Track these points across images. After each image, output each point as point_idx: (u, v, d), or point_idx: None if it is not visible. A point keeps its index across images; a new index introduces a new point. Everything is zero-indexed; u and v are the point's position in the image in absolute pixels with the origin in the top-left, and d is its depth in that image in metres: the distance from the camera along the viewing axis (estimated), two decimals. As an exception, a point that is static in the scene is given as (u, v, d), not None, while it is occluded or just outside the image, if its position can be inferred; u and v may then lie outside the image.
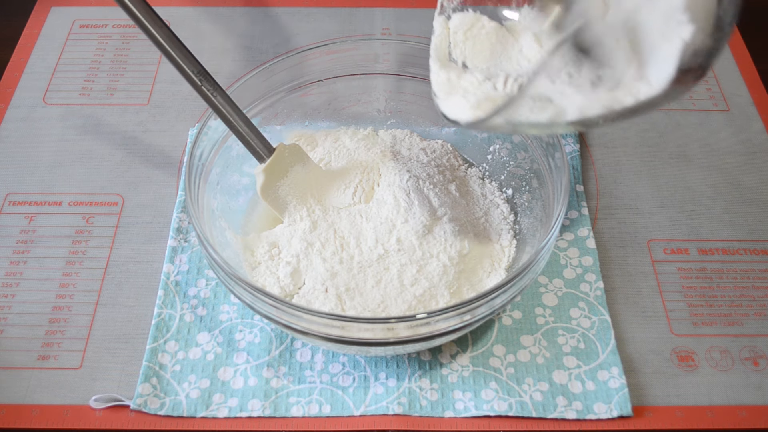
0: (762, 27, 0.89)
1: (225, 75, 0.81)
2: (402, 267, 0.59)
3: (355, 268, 0.59)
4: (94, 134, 0.76)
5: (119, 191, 0.71)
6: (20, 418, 0.57)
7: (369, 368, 0.59)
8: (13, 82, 0.80)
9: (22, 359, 0.60)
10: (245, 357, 0.60)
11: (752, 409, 0.58)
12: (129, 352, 0.60)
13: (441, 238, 0.60)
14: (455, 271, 0.59)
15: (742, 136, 0.76)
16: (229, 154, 0.65)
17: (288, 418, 0.57)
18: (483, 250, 0.62)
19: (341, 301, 0.58)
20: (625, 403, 0.57)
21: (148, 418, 0.57)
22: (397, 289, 0.59)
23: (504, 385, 0.58)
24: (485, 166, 0.70)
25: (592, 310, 0.63)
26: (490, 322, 0.62)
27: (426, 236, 0.60)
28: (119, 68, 0.82)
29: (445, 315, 0.51)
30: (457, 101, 0.52)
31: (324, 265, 0.59)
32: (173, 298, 0.63)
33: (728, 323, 0.63)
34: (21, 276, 0.65)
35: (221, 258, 0.53)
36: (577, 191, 0.71)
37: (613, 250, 0.67)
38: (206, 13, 0.89)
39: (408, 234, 0.60)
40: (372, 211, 0.62)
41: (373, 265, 0.59)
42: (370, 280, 0.59)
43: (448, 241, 0.60)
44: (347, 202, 0.63)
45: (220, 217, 0.62)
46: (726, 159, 0.74)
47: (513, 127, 0.54)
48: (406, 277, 0.59)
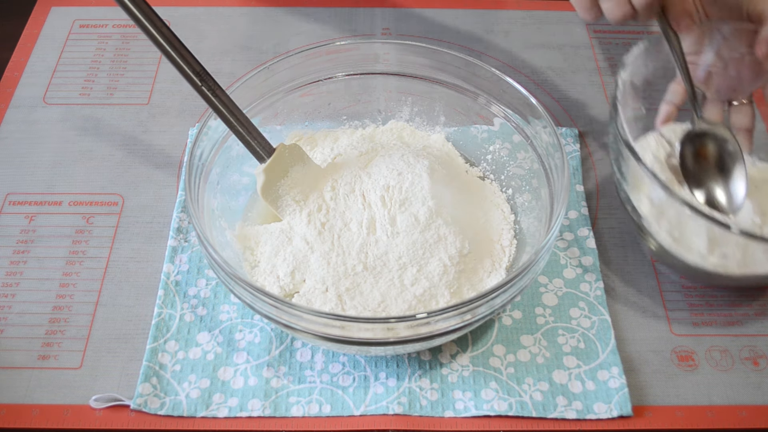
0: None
1: (225, 75, 0.81)
2: (402, 266, 0.59)
3: (356, 268, 0.59)
4: (94, 134, 0.76)
5: (119, 191, 0.71)
6: (20, 418, 0.57)
7: (369, 368, 0.59)
8: (13, 82, 0.80)
9: (22, 359, 0.60)
10: (245, 357, 0.60)
11: (752, 409, 0.58)
12: (129, 352, 0.60)
13: (442, 237, 0.60)
14: (455, 270, 0.59)
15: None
16: (229, 154, 0.65)
17: (288, 418, 0.57)
18: (483, 250, 0.62)
19: (341, 301, 0.58)
20: (625, 402, 0.57)
21: (148, 417, 0.57)
22: (398, 289, 0.59)
23: (504, 385, 0.58)
24: (485, 166, 0.70)
25: (592, 310, 0.63)
26: (490, 322, 0.62)
27: (426, 236, 0.60)
28: (119, 68, 0.82)
29: (445, 315, 0.51)
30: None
31: (324, 264, 0.59)
32: (173, 298, 0.63)
33: (728, 323, 0.63)
34: (21, 276, 0.65)
35: (221, 258, 0.53)
36: (577, 191, 0.71)
37: (613, 250, 0.67)
38: (206, 13, 0.89)
39: (409, 233, 0.60)
40: (372, 210, 0.62)
41: (373, 264, 0.59)
42: (370, 280, 0.59)
43: (449, 240, 0.60)
44: (348, 203, 0.63)
45: (220, 217, 0.62)
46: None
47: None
48: (406, 276, 0.59)
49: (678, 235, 0.58)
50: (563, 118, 0.78)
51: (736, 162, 0.64)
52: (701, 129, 0.65)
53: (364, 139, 0.69)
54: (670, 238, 0.58)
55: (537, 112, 0.62)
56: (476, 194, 0.67)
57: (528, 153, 0.65)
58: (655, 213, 0.59)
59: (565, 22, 0.89)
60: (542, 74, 0.83)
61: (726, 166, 0.64)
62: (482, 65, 0.66)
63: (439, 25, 0.88)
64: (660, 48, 0.64)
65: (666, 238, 0.59)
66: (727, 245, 0.56)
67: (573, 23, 0.89)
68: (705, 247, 0.57)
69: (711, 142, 0.65)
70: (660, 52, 0.65)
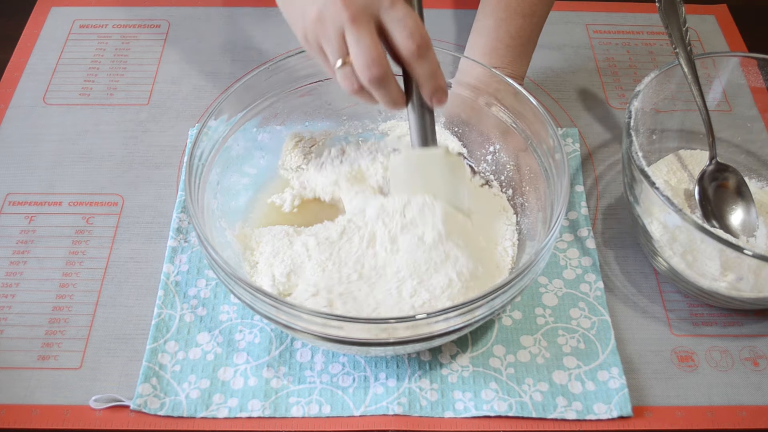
0: (762, 27, 0.89)
1: (225, 75, 0.81)
2: (401, 280, 0.57)
3: (351, 276, 0.58)
4: (94, 134, 0.76)
5: (119, 191, 0.71)
6: (20, 418, 0.57)
7: (369, 368, 0.59)
8: (13, 82, 0.80)
9: (22, 359, 0.60)
10: (245, 357, 0.60)
11: (752, 409, 0.58)
12: (129, 352, 0.60)
13: (451, 257, 0.58)
14: (462, 287, 0.57)
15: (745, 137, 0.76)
16: (229, 154, 0.65)
17: (288, 419, 0.57)
18: (494, 271, 0.61)
19: (332, 305, 0.57)
20: (625, 403, 0.57)
21: (148, 418, 0.57)
22: (395, 299, 0.57)
23: (504, 386, 0.58)
24: (485, 167, 0.70)
25: (592, 310, 0.63)
26: (490, 323, 0.62)
27: (432, 254, 0.58)
28: (119, 68, 0.82)
29: (444, 315, 0.51)
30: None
31: (318, 271, 0.59)
32: (173, 298, 0.63)
33: (728, 323, 0.63)
34: (21, 276, 0.65)
35: (221, 258, 0.53)
36: (577, 191, 0.71)
37: (613, 250, 0.67)
38: (206, 13, 0.89)
39: (410, 252, 0.58)
40: (373, 227, 0.61)
41: (368, 275, 0.58)
42: (365, 288, 0.58)
43: (460, 262, 0.58)
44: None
45: (220, 217, 0.62)
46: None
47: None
48: (405, 288, 0.57)
49: (691, 260, 0.59)
50: (563, 118, 0.78)
51: (744, 188, 0.66)
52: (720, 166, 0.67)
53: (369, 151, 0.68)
54: (683, 262, 0.60)
55: (537, 112, 0.62)
56: (483, 209, 0.65)
57: (528, 153, 0.65)
58: (668, 238, 0.60)
59: (565, 22, 0.89)
60: (542, 74, 0.83)
61: (740, 193, 0.66)
62: (482, 65, 0.66)
63: (439, 25, 0.88)
64: (670, 77, 0.67)
65: (679, 263, 0.60)
66: (740, 269, 0.57)
67: (573, 23, 0.89)
68: (718, 270, 0.58)
69: (727, 174, 0.67)
70: (669, 82, 0.67)
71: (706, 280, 0.59)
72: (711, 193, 0.65)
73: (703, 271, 0.59)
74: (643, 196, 0.60)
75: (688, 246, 0.58)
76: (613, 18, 0.90)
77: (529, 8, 0.69)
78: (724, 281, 0.58)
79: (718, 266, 0.57)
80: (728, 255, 0.56)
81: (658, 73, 0.66)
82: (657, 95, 0.67)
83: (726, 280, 0.58)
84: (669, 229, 0.59)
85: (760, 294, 0.58)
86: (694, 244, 0.58)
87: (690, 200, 0.67)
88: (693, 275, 0.60)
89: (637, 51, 0.86)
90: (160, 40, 0.85)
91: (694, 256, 0.59)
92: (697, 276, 0.60)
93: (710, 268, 0.58)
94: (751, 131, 0.72)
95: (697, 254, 0.58)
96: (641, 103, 0.64)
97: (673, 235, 0.59)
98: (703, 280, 0.59)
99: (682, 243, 0.59)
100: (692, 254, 0.59)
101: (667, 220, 0.59)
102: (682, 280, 0.61)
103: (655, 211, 0.60)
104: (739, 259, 0.55)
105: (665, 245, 0.60)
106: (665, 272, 0.63)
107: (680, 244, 0.59)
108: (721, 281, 0.58)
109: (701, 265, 0.59)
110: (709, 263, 0.58)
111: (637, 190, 0.61)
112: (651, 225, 0.61)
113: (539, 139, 0.63)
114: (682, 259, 0.59)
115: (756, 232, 0.64)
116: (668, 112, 0.70)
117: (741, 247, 0.55)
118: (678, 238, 0.59)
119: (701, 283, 0.60)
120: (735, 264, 0.57)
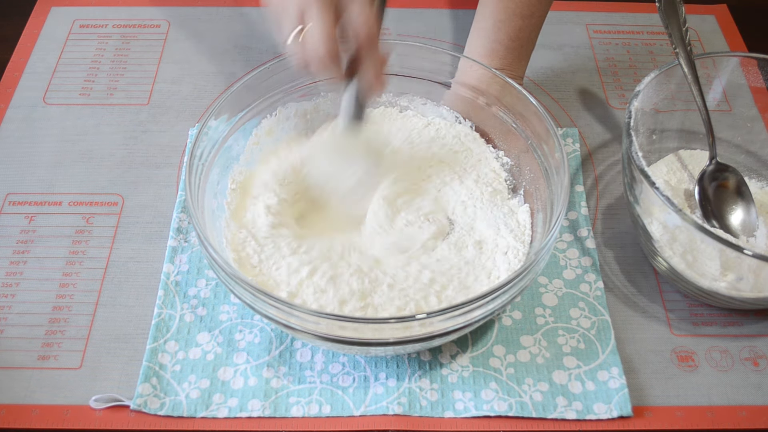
0: (763, 27, 0.89)
1: (225, 75, 0.81)
2: (387, 273, 0.59)
3: (332, 258, 0.59)
4: (94, 134, 0.76)
5: (119, 191, 0.71)
6: (20, 418, 0.57)
7: (369, 368, 0.59)
8: (13, 82, 0.80)
9: (22, 359, 0.60)
10: (245, 357, 0.60)
11: (752, 409, 0.58)
12: (129, 352, 0.60)
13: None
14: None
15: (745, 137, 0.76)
16: (229, 154, 0.65)
17: (288, 419, 0.57)
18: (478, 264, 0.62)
19: (312, 276, 0.58)
20: (625, 403, 0.57)
21: (148, 418, 0.57)
22: (381, 284, 0.59)
23: (504, 386, 0.58)
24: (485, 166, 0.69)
25: (592, 310, 0.63)
26: (490, 323, 0.62)
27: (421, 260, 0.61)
28: (119, 68, 0.82)
29: (444, 315, 0.51)
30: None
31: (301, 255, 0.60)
32: (173, 298, 0.63)
33: (728, 323, 0.63)
34: (21, 276, 0.65)
35: (221, 258, 0.53)
36: (577, 191, 0.71)
37: (613, 250, 0.67)
38: (206, 13, 0.89)
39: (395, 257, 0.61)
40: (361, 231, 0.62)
41: (357, 263, 0.59)
42: (349, 270, 0.59)
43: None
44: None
45: (220, 217, 0.62)
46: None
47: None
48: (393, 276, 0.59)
49: (691, 260, 0.59)
50: (563, 118, 0.78)
51: (744, 188, 0.66)
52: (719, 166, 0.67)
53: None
54: (683, 262, 0.60)
55: (537, 112, 0.62)
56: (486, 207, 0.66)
57: (528, 153, 0.65)
58: (668, 238, 0.60)
59: (564, 22, 0.89)
60: (542, 74, 0.83)
61: (740, 193, 0.66)
62: (482, 66, 0.66)
63: (439, 25, 0.88)
64: (670, 77, 0.67)
65: (679, 263, 0.60)
66: (740, 269, 0.57)
67: (573, 23, 0.89)
68: (718, 270, 0.58)
69: (726, 174, 0.67)
70: (669, 82, 0.67)
71: (706, 280, 0.59)
72: (711, 193, 0.65)
73: (703, 271, 0.59)
74: (643, 196, 0.60)
75: (688, 246, 0.58)
76: (613, 18, 0.90)
77: (528, 9, 0.69)
78: (724, 281, 0.58)
79: (718, 266, 0.57)
80: (728, 255, 0.56)
81: (658, 73, 0.66)
82: (657, 95, 0.67)
83: (726, 280, 0.58)
84: (669, 229, 0.59)
85: (760, 294, 0.58)
86: (694, 244, 0.58)
87: (690, 200, 0.67)
88: (693, 275, 0.60)
89: (637, 51, 0.86)
90: (160, 40, 0.85)
91: (694, 256, 0.59)
92: (697, 276, 0.60)
93: (710, 268, 0.58)
94: (751, 131, 0.72)
95: (697, 254, 0.58)
96: (641, 103, 0.65)
97: (673, 235, 0.59)
98: (703, 280, 0.60)
99: (682, 243, 0.59)
100: (692, 254, 0.59)
101: (667, 220, 0.59)
102: (682, 280, 0.61)
103: (655, 211, 0.60)
104: (739, 259, 0.56)
105: (665, 245, 0.60)
106: (665, 272, 0.63)
107: (680, 244, 0.59)
108: (721, 281, 0.58)
109: (701, 265, 0.59)
110: (709, 263, 0.58)
111: (637, 190, 0.61)
112: (651, 225, 0.61)
113: (539, 139, 0.63)
114: (682, 259, 0.60)
115: (756, 232, 0.64)
116: (668, 112, 0.70)
117: (741, 247, 0.55)
118: (678, 238, 0.59)
119: (701, 283, 0.60)
120: (735, 264, 0.57)
